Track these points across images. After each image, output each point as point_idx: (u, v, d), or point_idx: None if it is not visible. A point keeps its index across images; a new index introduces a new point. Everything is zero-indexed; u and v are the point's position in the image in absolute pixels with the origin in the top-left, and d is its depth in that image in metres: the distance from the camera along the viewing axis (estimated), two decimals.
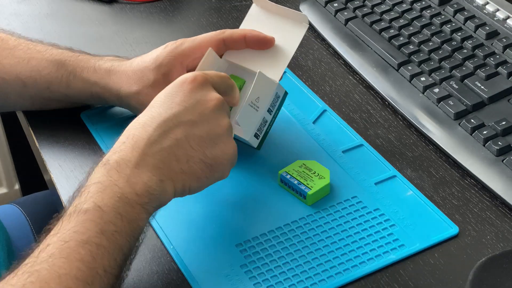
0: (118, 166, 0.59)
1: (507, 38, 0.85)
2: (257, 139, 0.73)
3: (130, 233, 0.58)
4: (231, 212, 0.70)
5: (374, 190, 0.72)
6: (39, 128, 0.82)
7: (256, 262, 0.65)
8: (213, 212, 0.70)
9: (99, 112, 0.82)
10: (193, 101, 0.63)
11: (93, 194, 0.58)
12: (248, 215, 0.70)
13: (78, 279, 0.53)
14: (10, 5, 1.02)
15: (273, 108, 0.73)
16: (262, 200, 0.71)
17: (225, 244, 0.67)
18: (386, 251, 0.66)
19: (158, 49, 0.75)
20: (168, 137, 0.61)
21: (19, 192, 1.58)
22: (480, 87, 0.79)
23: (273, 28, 0.75)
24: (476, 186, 0.73)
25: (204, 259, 0.66)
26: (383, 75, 0.85)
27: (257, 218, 0.70)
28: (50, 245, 0.55)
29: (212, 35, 0.73)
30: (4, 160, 1.61)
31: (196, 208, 0.71)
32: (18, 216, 0.99)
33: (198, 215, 0.70)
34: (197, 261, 0.66)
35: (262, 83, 0.71)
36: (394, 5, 0.93)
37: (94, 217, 0.56)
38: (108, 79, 0.75)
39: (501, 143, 0.73)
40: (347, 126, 0.80)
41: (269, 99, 0.72)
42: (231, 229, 0.69)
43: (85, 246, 0.55)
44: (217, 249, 0.67)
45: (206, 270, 0.65)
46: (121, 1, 1.02)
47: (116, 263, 0.57)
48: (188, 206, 0.70)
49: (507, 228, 0.68)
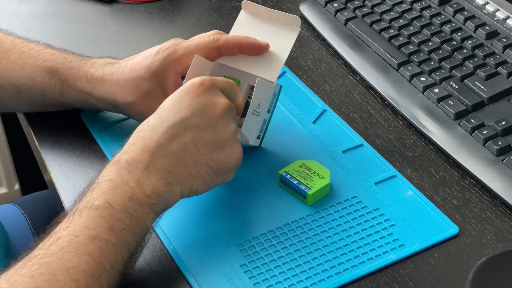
0: (129, 166, 0.61)
1: (507, 38, 0.85)
2: (258, 139, 0.75)
3: (137, 232, 0.59)
4: (231, 212, 0.70)
5: (374, 190, 0.72)
6: (39, 128, 0.82)
7: (256, 262, 0.65)
8: (213, 212, 0.70)
9: (99, 112, 0.82)
10: (201, 105, 0.64)
11: (104, 191, 0.59)
12: (248, 215, 0.70)
13: (86, 273, 0.55)
14: (10, 5, 1.02)
15: (271, 107, 0.74)
16: (262, 200, 0.71)
17: (225, 244, 0.67)
18: (386, 251, 0.66)
19: (148, 55, 0.73)
20: (176, 141, 0.63)
21: (19, 192, 1.58)
22: (480, 87, 0.79)
23: (264, 33, 0.74)
24: (476, 186, 0.73)
25: (204, 259, 0.66)
26: (383, 75, 0.85)
27: (257, 218, 0.70)
28: (61, 238, 0.56)
29: (206, 43, 0.72)
30: (4, 160, 1.61)
31: (196, 208, 0.71)
32: (17, 216, 0.99)
33: (198, 215, 0.70)
34: (197, 261, 0.66)
35: (262, 89, 0.71)
36: (394, 5, 0.93)
37: (104, 214, 0.58)
38: (102, 90, 0.75)
39: (501, 143, 0.73)
40: (347, 126, 0.80)
41: (269, 102, 0.73)
42: (231, 229, 0.69)
43: (95, 241, 0.56)
44: (217, 249, 0.67)
45: (206, 270, 0.65)
46: (121, 1, 1.02)
47: (123, 259, 0.58)
48: (188, 206, 0.70)
49: (507, 228, 0.68)
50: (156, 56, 0.73)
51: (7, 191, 1.66)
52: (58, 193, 0.73)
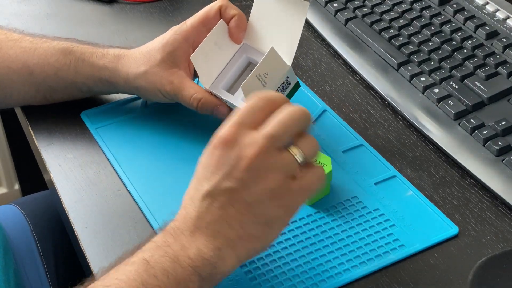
0: (174, 232, 0.58)
1: (507, 38, 0.85)
2: None
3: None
4: None
5: (374, 190, 0.72)
6: (39, 128, 0.82)
7: (256, 262, 0.65)
8: None
9: (99, 112, 0.82)
10: (228, 166, 0.57)
11: (144, 250, 0.57)
12: None
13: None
14: (10, 5, 1.02)
15: (283, 92, 0.73)
16: None
17: None
18: (386, 251, 0.66)
19: (163, 35, 0.78)
20: (213, 207, 0.58)
21: (19, 192, 1.58)
22: (480, 87, 0.79)
23: (276, 17, 0.75)
24: (476, 186, 0.73)
25: None
26: (383, 75, 0.85)
27: None
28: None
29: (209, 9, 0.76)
30: (4, 160, 1.61)
31: None
32: (17, 217, 0.99)
33: None
34: None
35: (273, 59, 0.71)
36: (394, 5, 0.93)
37: (139, 268, 0.55)
38: (117, 63, 0.78)
39: (501, 143, 0.73)
40: (347, 126, 0.80)
41: (279, 79, 0.72)
42: None
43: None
44: None
45: None
46: (121, 1, 1.02)
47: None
48: None
49: (507, 228, 0.68)
50: (170, 31, 0.77)
51: (7, 191, 1.66)
52: (58, 193, 0.73)
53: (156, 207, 0.71)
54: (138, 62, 0.77)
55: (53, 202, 1.02)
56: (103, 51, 0.79)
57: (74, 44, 0.80)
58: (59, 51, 0.79)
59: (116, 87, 0.79)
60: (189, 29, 0.76)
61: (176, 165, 0.75)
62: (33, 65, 0.79)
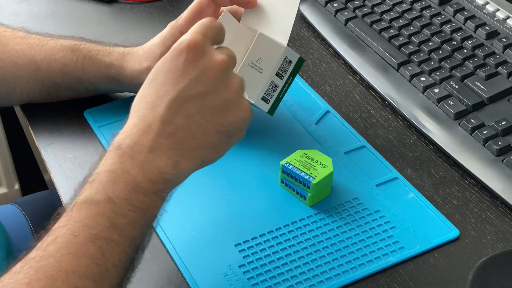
0: (132, 152, 0.56)
1: (507, 38, 0.85)
2: (266, 103, 0.72)
3: (142, 223, 0.56)
4: (230, 212, 0.70)
5: (375, 192, 0.72)
6: (39, 128, 0.82)
7: (255, 262, 0.65)
8: (213, 212, 0.70)
9: (102, 110, 0.82)
10: (198, 71, 0.59)
11: (104, 183, 0.55)
12: (248, 216, 0.70)
13: (85, 277, 0.52)
14: (10, 5, 1.02)
15: (284, 73, 0.72)
16: (262, 201, 0.71)
17: (224, 244, 0.67)
18: (385, 253, 0.66)
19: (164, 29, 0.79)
20: (180, 115, 0.58)
21: (19, 192, 1.58)
22: (480, 87, 0.79)
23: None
24: (476, 186, 0.73)
25: (203, 259, 0.66)
26: (383, 75, 0.85)
27: (256, 219, 0.69)
28: (59, 237, 0.53)
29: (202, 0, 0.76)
30: (4, 160, 1.61)
31: (196, 208, 0.71)
32: (18, 216, 0.99)
33: (198, 215, 0.70)
34: (196, 261, 0.66)
35: (263, 44, 0.71)
36: (394, 5, 0.93)
37: (105, 209, 0.54)
38: (122, 60, 0.79)
39: (501, 143, 0.73)
40: (350, 127, 0.80)
41: (275, 63, 0.72)
42: (231, 229, 0.69)
43: (95, 241, 0.53)
44: (216, 249, 0.67)
45: (205, 270, 0.65)
46: (121, 1, 1.02)
47: (127, 256, 0.55)
48: (188, 206, 0.70)
49: (507, 228, 0.68)
50: (167, 27, 0.78)
51: (7, 191, 1.66)
52: (58, 193, 0.73)
53: None
54: (141, 59, 0.78)
55: (53, 202, 1.02)
56: (109, 49, 0.80)
57: (81, 42, 0.81)
58: (66, 47, 0.80)
59: (122, 84, 0.80)
60: (184, 21, 0.77)
61: None
62: (40, 60, 0.79)
